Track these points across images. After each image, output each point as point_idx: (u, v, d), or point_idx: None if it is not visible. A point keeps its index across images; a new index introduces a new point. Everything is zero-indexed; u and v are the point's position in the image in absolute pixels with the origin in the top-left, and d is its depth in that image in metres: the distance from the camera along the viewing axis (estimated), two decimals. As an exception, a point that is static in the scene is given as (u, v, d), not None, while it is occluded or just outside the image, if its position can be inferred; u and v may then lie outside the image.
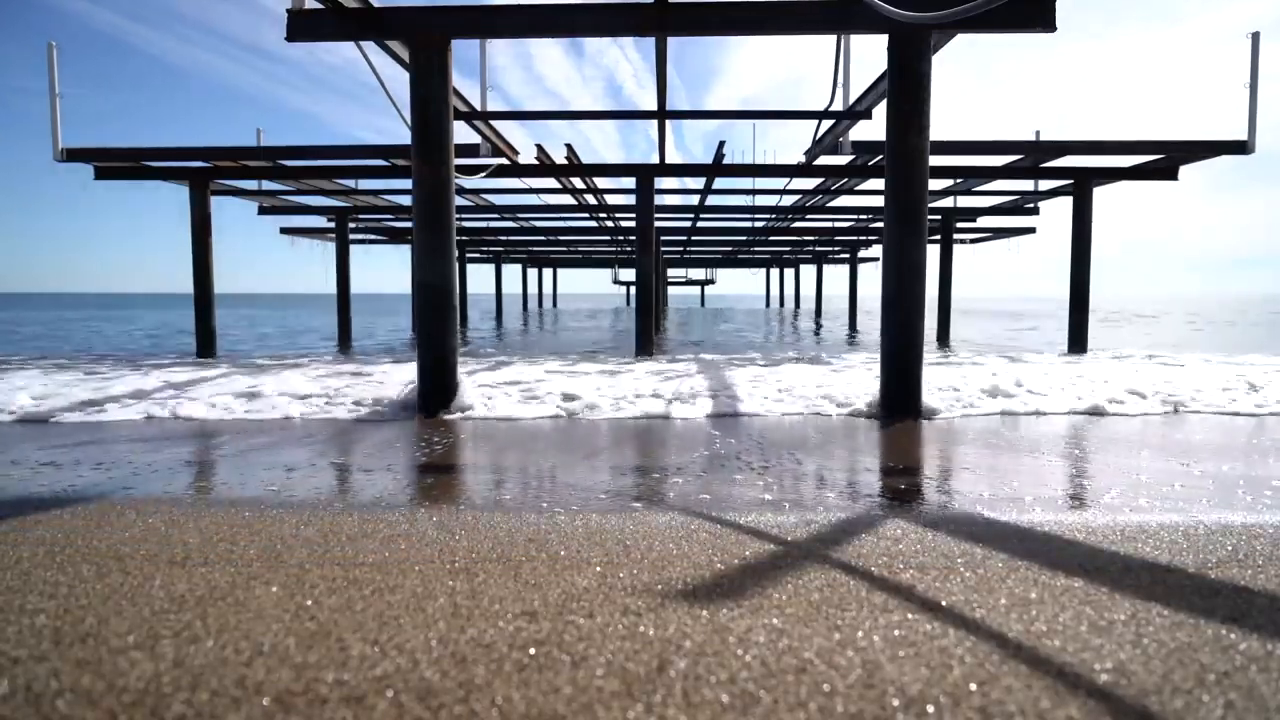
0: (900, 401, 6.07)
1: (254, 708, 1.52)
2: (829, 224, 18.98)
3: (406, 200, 14.34)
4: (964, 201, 15.54)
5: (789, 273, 42.51)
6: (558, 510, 3.11)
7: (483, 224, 18.65)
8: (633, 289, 35.14)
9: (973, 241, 21.09)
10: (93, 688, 1.60)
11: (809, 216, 17.00)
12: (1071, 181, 11.68)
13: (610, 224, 18.15)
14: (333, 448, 4.69)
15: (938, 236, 16.66)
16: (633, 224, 16.58)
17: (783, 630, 1.88)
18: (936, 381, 7.20)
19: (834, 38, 7.45)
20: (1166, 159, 10.73)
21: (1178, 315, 30.24)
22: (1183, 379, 7.67)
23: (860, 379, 7.89)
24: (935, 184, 12.51)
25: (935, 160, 9.92)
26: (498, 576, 2.29)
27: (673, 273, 44.48)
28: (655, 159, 11.04)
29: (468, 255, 26.88)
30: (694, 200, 14.97)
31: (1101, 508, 3.15)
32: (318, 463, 4.21)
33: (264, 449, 4.61)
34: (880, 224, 17.91)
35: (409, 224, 17.74)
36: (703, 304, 55.30)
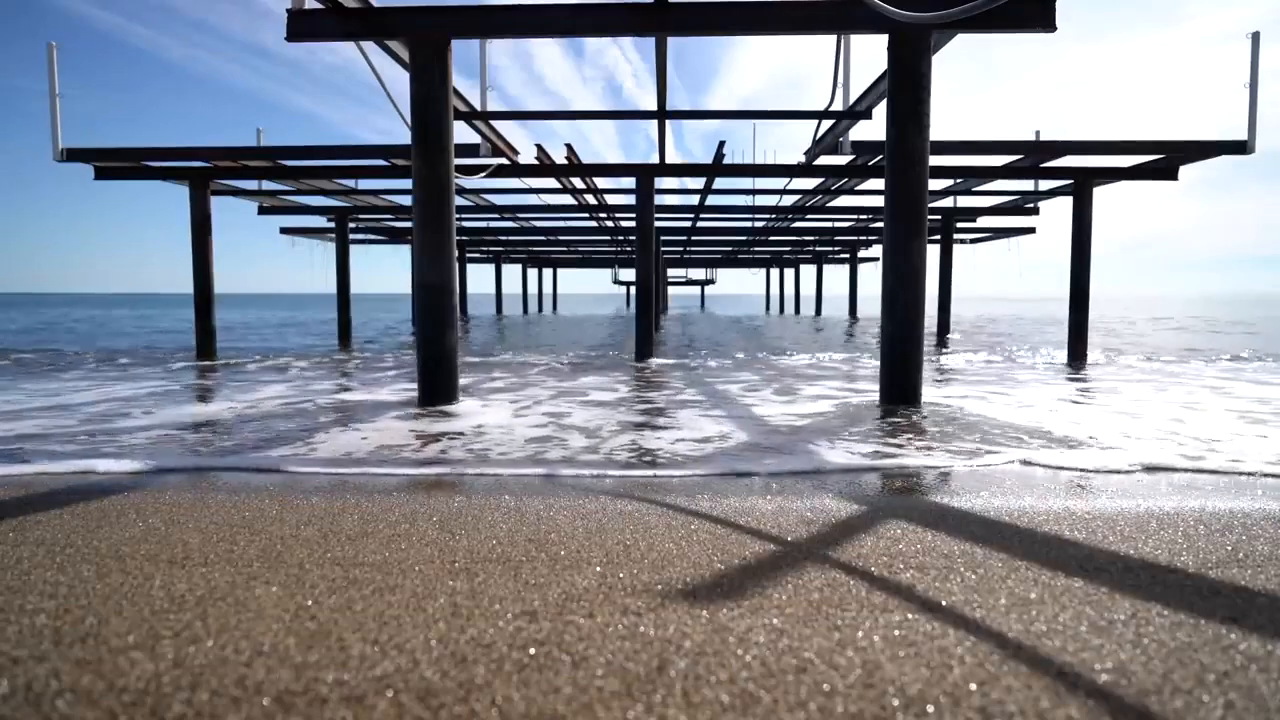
0: (900, 398, 6.11)
1: (254, 708, 1.52)
2: (829, 224, 18.98)
3: (406, 200, 14.34)
4: (964, 201, 15.54)
5: (789, 273, 42.52)
6: (558, 510, 3.11)
7: (483, 224, 18.65)
8: (633, 289, 35.11)
9: (973, 241, 21.10)
10: (93, 688, 1.60)
11: (809, 216, 16.99)
12: (1071, 181, 11.67)
13: (610, 224, 18.14)
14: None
15: (938, 236, 16.66)
16: (633, 224, 16.58)
17: (783, 630, 1.88)
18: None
19: (834, 38, 7.45)
20: (1166, 159, 10.72)
21: (1180, 318, 30.23)
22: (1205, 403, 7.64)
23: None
24: (935, 184, 12.51)
25: (935, 160, 9.93)
26: (498, 576, 2.29)
27: (673, 273, 44.45)
28: (655, 159, 11.04)
29: (468, 255, 26.89)
30: (694, 200, 14.97)
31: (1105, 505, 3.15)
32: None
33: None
34: (880, 224, 17.91)
35: (409, 224, 17.75)
36: (703, 304, 55.28)
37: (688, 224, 18.29)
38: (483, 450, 4.61)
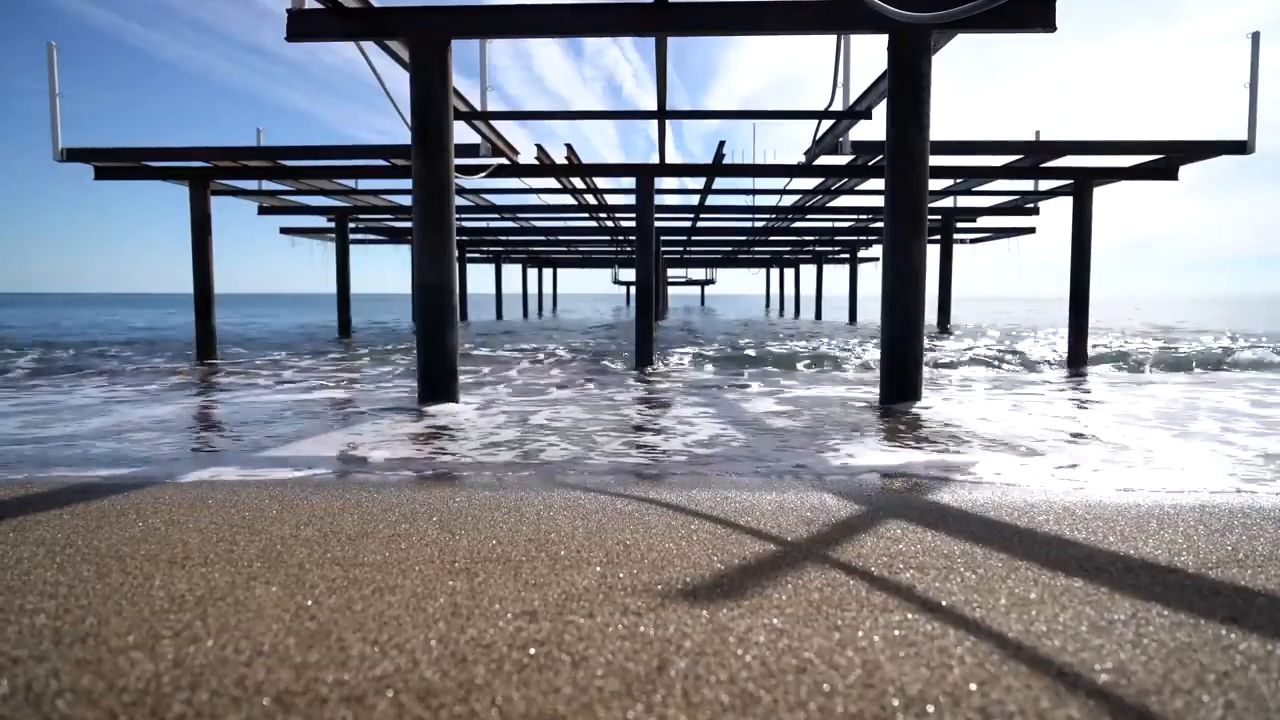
0: (900, 398, 6.10)
1: (254, 708, 1.52)
2: (829, 224, 18.98)
3: (406, 200, 14.33)
4: (964, 201, 15.53)
5: (789, 273, 42.50)
6: (558, 510, 3.11)
7: (483, 224, 18.65)
8: (632, 289, 35.08)
9: (973, 241, 21.09)
10: (93, 688, 1.60)
11: (809, 216, 16.99)
12: (1071, 181, 11.67)
13: (610, 224, 18.14)
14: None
15: (938, 236, 16.66)
16: (633, 224, 16.58)
17: (783, 630, 1.88)
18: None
19: (834, 38, 7.45)
20: (1166, 159, 10.72)
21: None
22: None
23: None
24: (935, 184, 12.51)
25: (935, 160, 9.91)
26: (498, 576, 2.29)
27: (673, 273, 44.48)
28: (655, 159, 11.03)
29: (468, 255, 26.88)
30: (694, 200, 14.96)
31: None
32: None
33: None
34: (880, 224, 17.91)
35: (409, 224, 17.74)
36: (703, 304, 55.44)
37: (688, 224, 18.28)
38: (482, 452, 4.61)
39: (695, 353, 12.69)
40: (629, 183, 12.58)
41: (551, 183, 12.10)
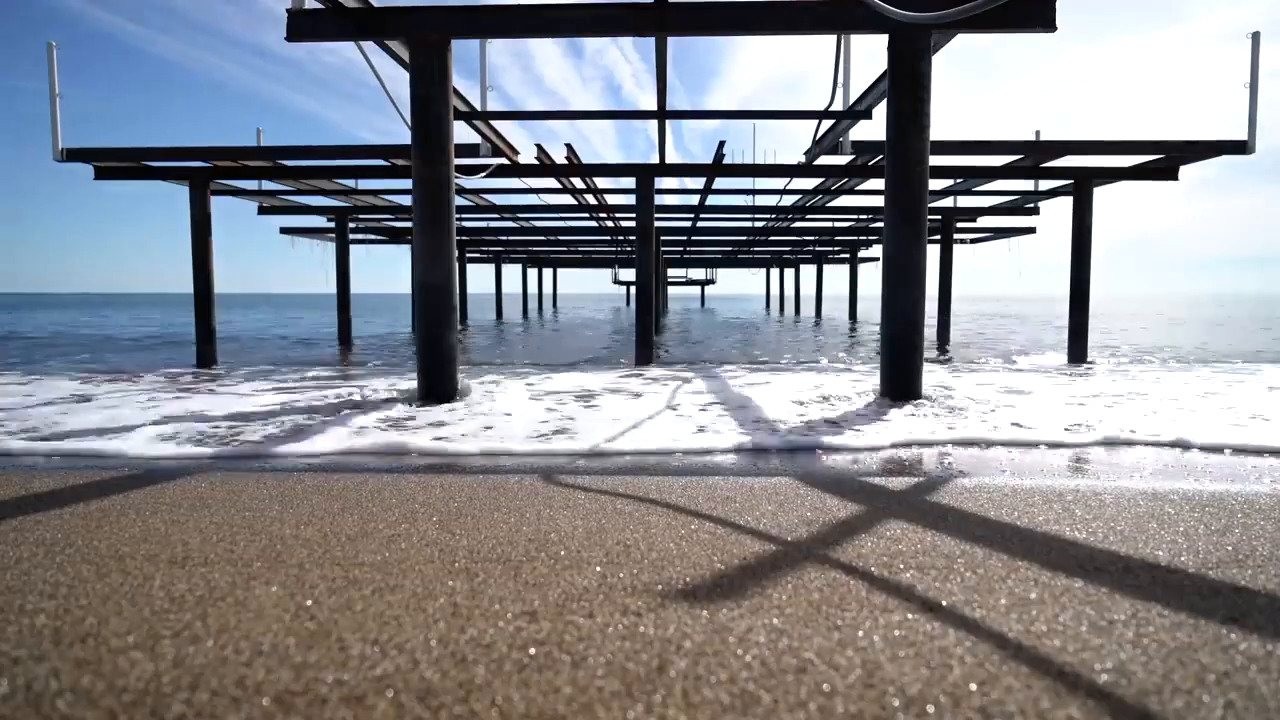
0: (900, 398, 6.10)
1: (254, 708, 1.52)
2: (829, 224, 18.97)
3: (406, 200, 14.33)
4: (964, 201, 15.52)
5: (789, 273, 42.52)
6: (558, 510, 3.11)
7: (483, 224, 18.65)
8: (633, 289, 35.08)
9: (973, 241, 21.09)
10: (93, 688, 1.60)
11: (809, 216, 16.98)
12: (1071, 181, 11.67)
13: (610, 224, 18.14)
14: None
15: (938, 236, 16.65)
16: (633, 224, 16.58)
17: (783, 630, 1.88)
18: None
19: (834, 38, 7.45)
20: (1166, 159, 10.72)
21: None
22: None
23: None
24: (935, 184, 12.51)
25: (935, 160, 9.92)
26: (498, 576, 2.29)
27: (673, 273, 44.48)
28: (655, 159, 11.03)
29: (468, 255, 26.88)
30: (694, 200, 14.96)
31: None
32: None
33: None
34: (880, 224, 17.90)
35: (409, 224, 17.74)
36: (703, 304, 55.48)
37: (688, 224, 18.28)
38: (482, 455, 4.61)
39: (695, 351, 12.69)
40: (629, 183, 12.58)
41: (551, 183, 12.10)
